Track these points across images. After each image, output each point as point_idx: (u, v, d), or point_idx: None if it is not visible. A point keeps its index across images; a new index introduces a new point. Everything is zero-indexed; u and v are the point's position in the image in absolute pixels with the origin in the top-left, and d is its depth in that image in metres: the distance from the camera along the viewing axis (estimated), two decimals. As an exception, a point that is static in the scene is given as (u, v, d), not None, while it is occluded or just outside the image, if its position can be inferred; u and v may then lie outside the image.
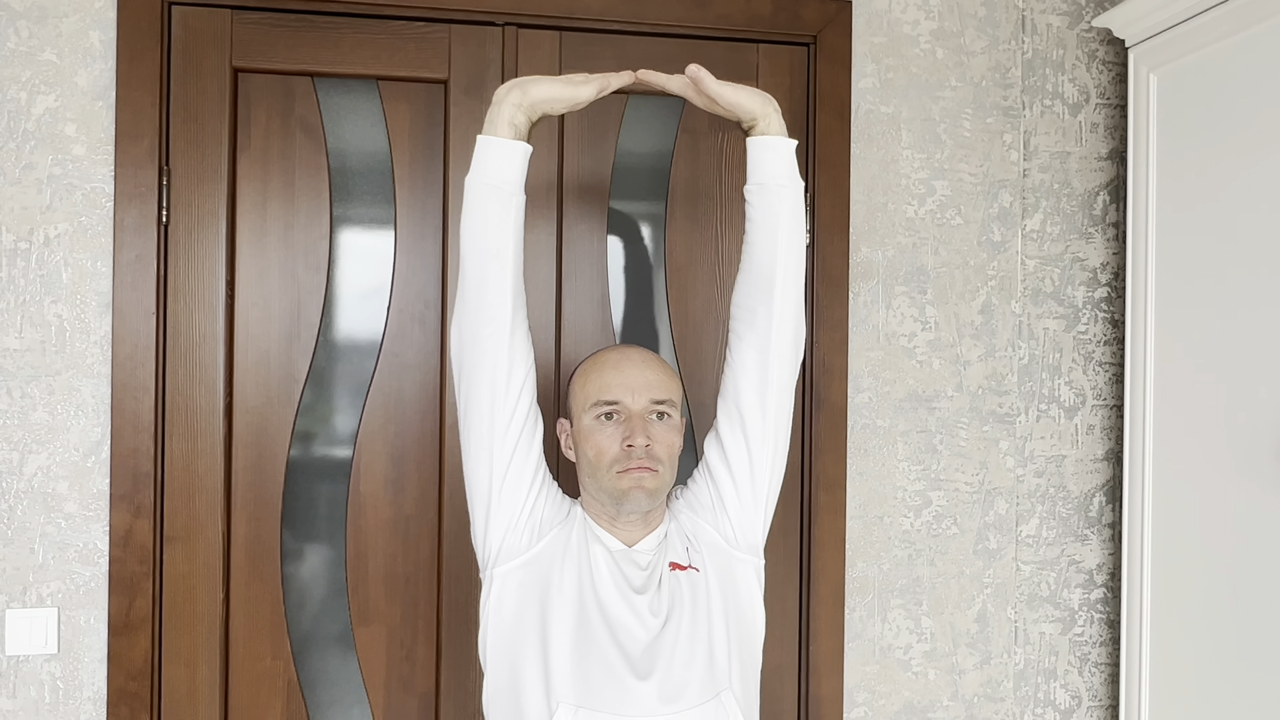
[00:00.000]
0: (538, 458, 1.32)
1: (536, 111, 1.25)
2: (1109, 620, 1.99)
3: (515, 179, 1.23)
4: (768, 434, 1.34)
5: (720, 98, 1.31)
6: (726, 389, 1.36)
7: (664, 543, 1.36)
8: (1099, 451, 1.99)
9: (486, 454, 1.28)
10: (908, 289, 1.91)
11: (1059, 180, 1.97)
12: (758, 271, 1.32)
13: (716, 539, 1.37)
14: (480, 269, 1.23)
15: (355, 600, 1.75)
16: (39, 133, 1.63)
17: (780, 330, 1.32)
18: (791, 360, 1.35)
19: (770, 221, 1.31)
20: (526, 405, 1.29)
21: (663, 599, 1.31)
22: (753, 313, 1.33)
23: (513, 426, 1.27)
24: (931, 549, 1.92)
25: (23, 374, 1.63)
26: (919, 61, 1.91)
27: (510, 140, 1.23)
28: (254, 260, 1.72)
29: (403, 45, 1.74)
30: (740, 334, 1.35)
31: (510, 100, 1.23)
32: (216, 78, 1.69)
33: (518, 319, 1.26)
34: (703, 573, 1.34)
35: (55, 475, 1.64)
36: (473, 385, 1.27)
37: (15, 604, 1.63)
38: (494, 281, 1.23)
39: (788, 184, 1.31)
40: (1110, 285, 1.99)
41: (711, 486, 1.38)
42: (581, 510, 1.38)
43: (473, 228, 1.23)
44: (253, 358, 1.72)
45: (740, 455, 1.35)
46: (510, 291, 1.24)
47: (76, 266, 1.65)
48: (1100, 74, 1.98)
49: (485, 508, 1.30)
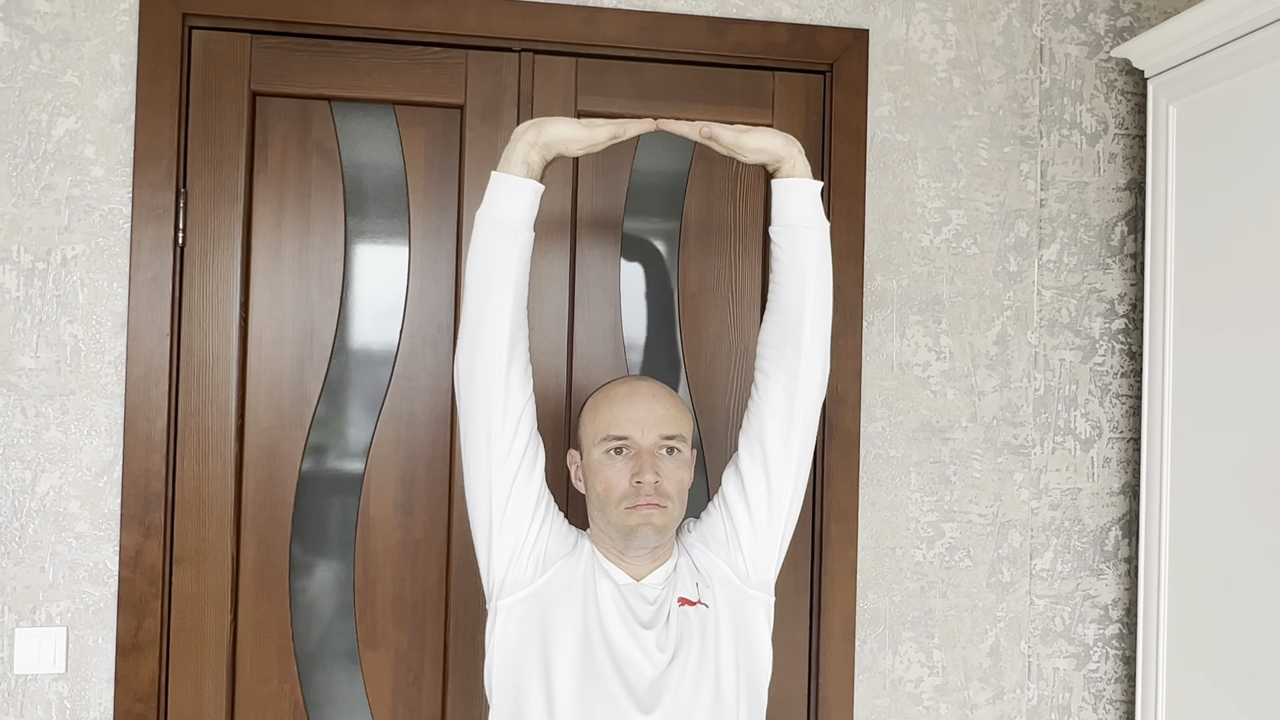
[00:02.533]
0: (539, 489, 1.31)
1: (551, 151, 1.25)
2: (1124, 656, 1.96)
3: (524, 216, 1.24)
4: (789, 472, 1.34)
5: (741, 146, 1.30)
6: (750, 424, 1.36)
7: (672, 576, 1.35)
8: (1115, 485, 1.96)
9: (485, 485, 1.28)
10: (922, 318, 1.89)
11: (1076, 210, 1.95)
12: (786, 312, 1.32)
13: (729, 574, 1.36)
14: (481, 301, 1.24)
15: (363, 624, 1.75)
16: (59, 154, 1.65)
17: (809, 371, 1.32)
18: (818, 399, 1.34)
19: (798, 263, 1.31)
20: (525, 437, 1.28)
21: (670, 634, 1.30)
22: (780, 352, 1.32)
23: (510, 458, 1.27)
24: (944, 581, 1.90)
25: (37, 393, 1.64)
26: (936, 90, 1.90)
27: (522, 178, 1.23)
28: (268, 282, 1.73)
29: (419, 70, 1.75)
30: (768, 372, 1.34)
31: (526, 139, 1.23)
32: (235, 101, 1.70)
33: (515, 352, 1.26)
34: (713, 609, 1.33)
35: (67, 495, 1.65)
36: (471, 416, 1.27)
37: (25, 623, 1.63)
38: (493, 315, 1.24)
39: (814, 225, 1.31)
40: (1128, 317, 1.97)
41: (727, 521, 1.37)
42: (590, 542, 1.37)
43: (478, 261, 1.24)
44: (265, 379, 1.73)
45: (760, 491, 1.35)
46: (508, 326, 1.24)
47: (93, 287, 1.66)
48: (1119, 104, 1.97)
49: (487, 539, 1.30)
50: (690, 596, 1.32)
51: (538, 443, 1.31)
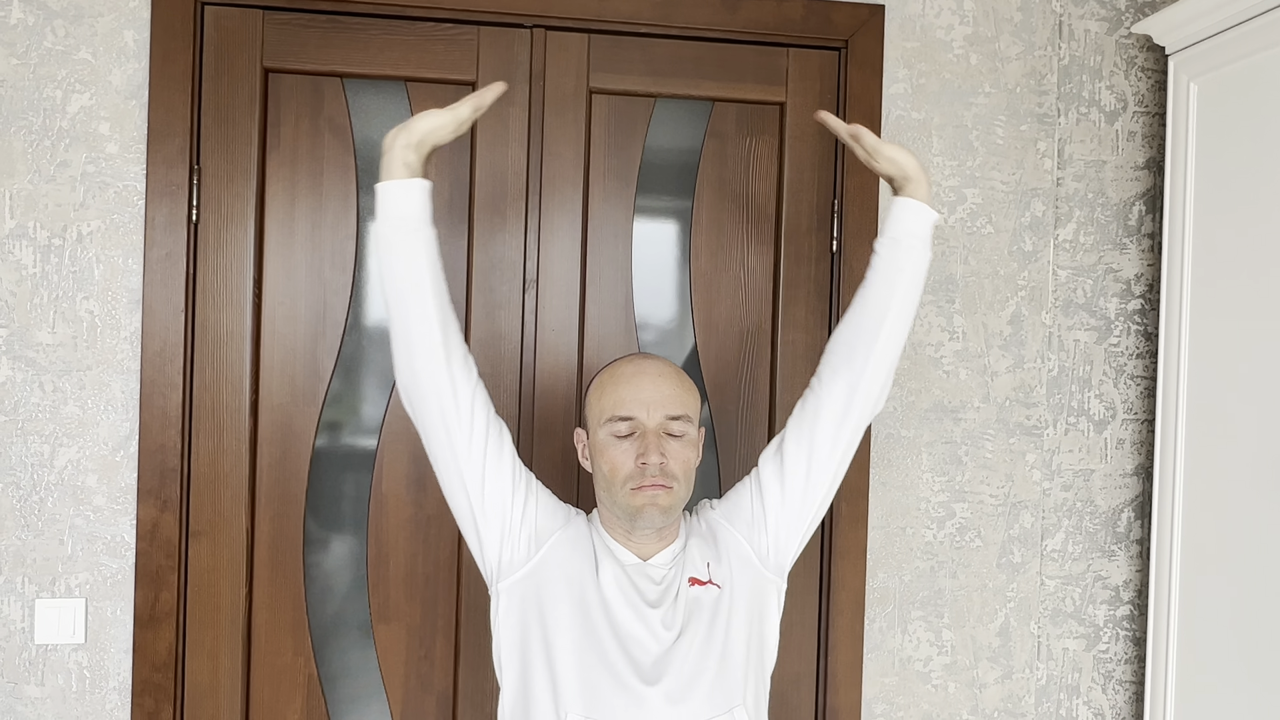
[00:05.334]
0: (511, 468, 1.31)
1: (425, 146, 1.26)
2: (1135, 638, 1.96)
3: (419, 214, 1.25)
4: (830, 467, 1.37)
5: (879, 151, 1.37)
6: (805, 413, 1.37)
7: (681, 555, 1.36)
8: (1128, 466, 1.95)
9: (458, 479, 1.29)
10: (935, 298, 1.88)
11: (1094, 189, 1.93)
12: (867, 314, 1.35)
13: (749, 553, 1.37)
14: (403, 305, 1.25)
15: (375, 598, 1.77)
16: (73, 131, 1.66)
17: (873, 376, 1.35)
18: (874, 409, 1.38)
19: (892, 275, 1.35)
20: (483, 421, 1.29)
21: (678, 613, 1.31)
22: (851, 350, 1.35)
23: (474, 445, 1.28)
24: (954, 561, 1.90)
25: (55, 368, 1.66)
26: (952, 67, 1.88)
27: (407, 179, 1.25)
28: (281, 259, 1.74)
29: (431, 47, 1.74)
30: (835, 367, 1.37)
31: (399, 143, 1.25)
32: (247, 78, 1.70)
33: (451, 344, 1.27)
34: (726, 588, 1.33)
35: (85, 468, 1.67)
36: (425, 417, 1.28)
37: (45, 594, 1.66)
38: (417, 314, 1.25)
39: (919, 247, 1.36)
40: (1144, 297, 1.95)
41: (758, 500, 1.38)
42: (597, 520, 1.38)
43: (390, 268, 1.25)
44: (279, 356, 1.74)
45: (798, 479, 1.36)
46: (436, 320, 1.25)
47: (108, 263, 1.67)
48: (1139, 81, 1.94)
49: (475, 530, 1.31)
50: (700, 576, 1.33)
51: (499, 425, 1.32)
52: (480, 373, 1.74)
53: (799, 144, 1.84)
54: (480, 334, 1.76)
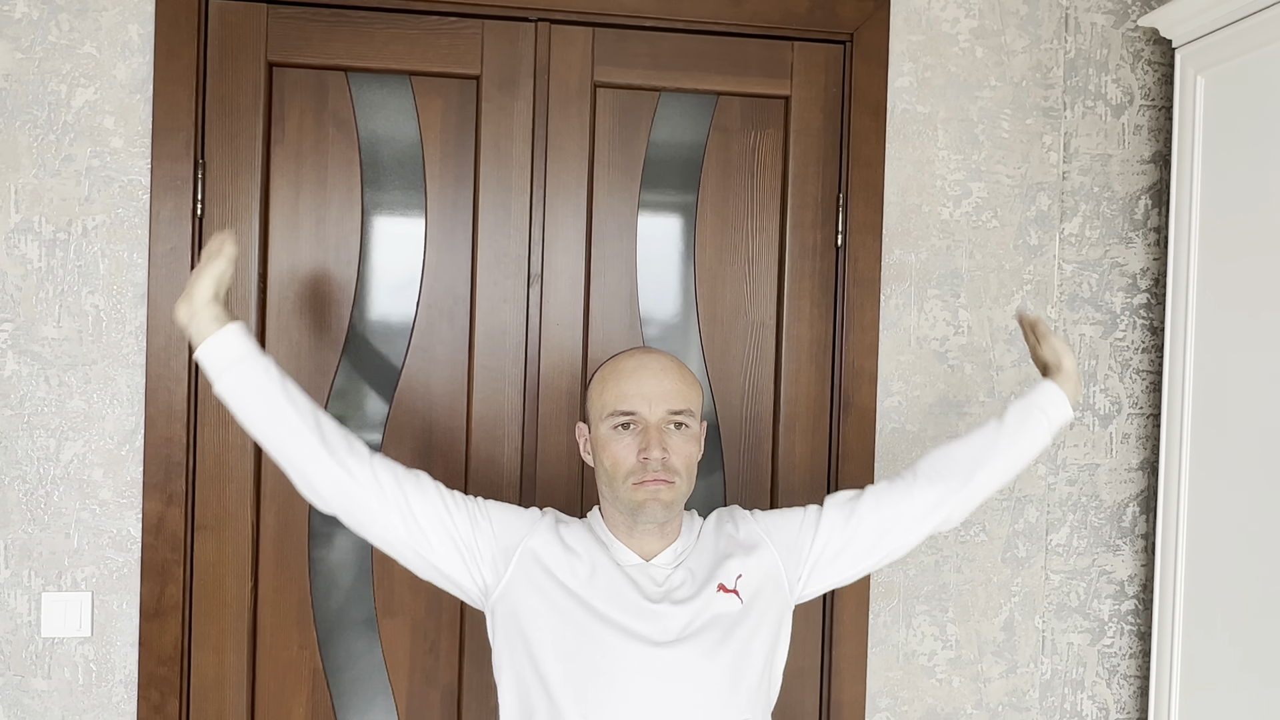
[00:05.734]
0: (442, 504, 1.31)
1: (220, 295, 1.30)
2: (1139, 632, 1.96)
3: (246, 351, 1.27)
4: (890, 551, 1.43)
5: (1047, 338, 1.51)
6: (895, 493, 1.43)
7: (689, 552, 1.36)
8: (1134, 461, 1.95)
9: (402, 545, 1.31)
10: (941, 292, 1.88)
11: (1099, 183, 1.92)
12: (968, 454, 1.44)
13: (781, 577, 1.37)
14: (274, 437, 1.27)
15: (380, 592, 1.77)
16: (78, 125, 1.66)
17: (960, 504, 1.44)
18: (949, 526, 1.46)
19: (1008, 433, 1.44)
20: (392, 486, 1.29)
21: (682, 614, 1.29)
22: (955, 470, 1.43)
23: (397, 510, 1.29)
24: (959, 555, 1.90)
25: (60, 362, 1.66)
26: (958, 60, 1.88)
27: (221, 330, 1.27)
28: (286, 253, 1.74)
29: (435, 41, 1.74)
30: (937, 474, 1.44)
31: (197, 309, 1.27)
32: (252, 72, 1.70)
33: (330, 440, 1.27)
34: (752, 607, 1.33)
35: (90, 462, 1.67)
36: (348, 515, 1.30)
37: (51, 587, 1.67)
38: (288, 435, 1.26)
39: (1044, 431, 1.45)
40: (1150, 291, 1.95)
41: (809, 533, 1.40)
42: (598, 517, 1.39)
43: (247, 412, 1.27)
44: (284, 351, 1.74)
45: (861, 542, 1.41)
46: (305, 429, 1.26)
47: (113, 257, 1.67)
48: (1145, 75, 1.93)
49: (441, 575, 1.33)
50: (728, 584, 1.32)
51: (412, 476, 1.32)
52: (484, 365, 1.75)
53: (804, 138, 1.83)
54: (484, 328, 1.76)
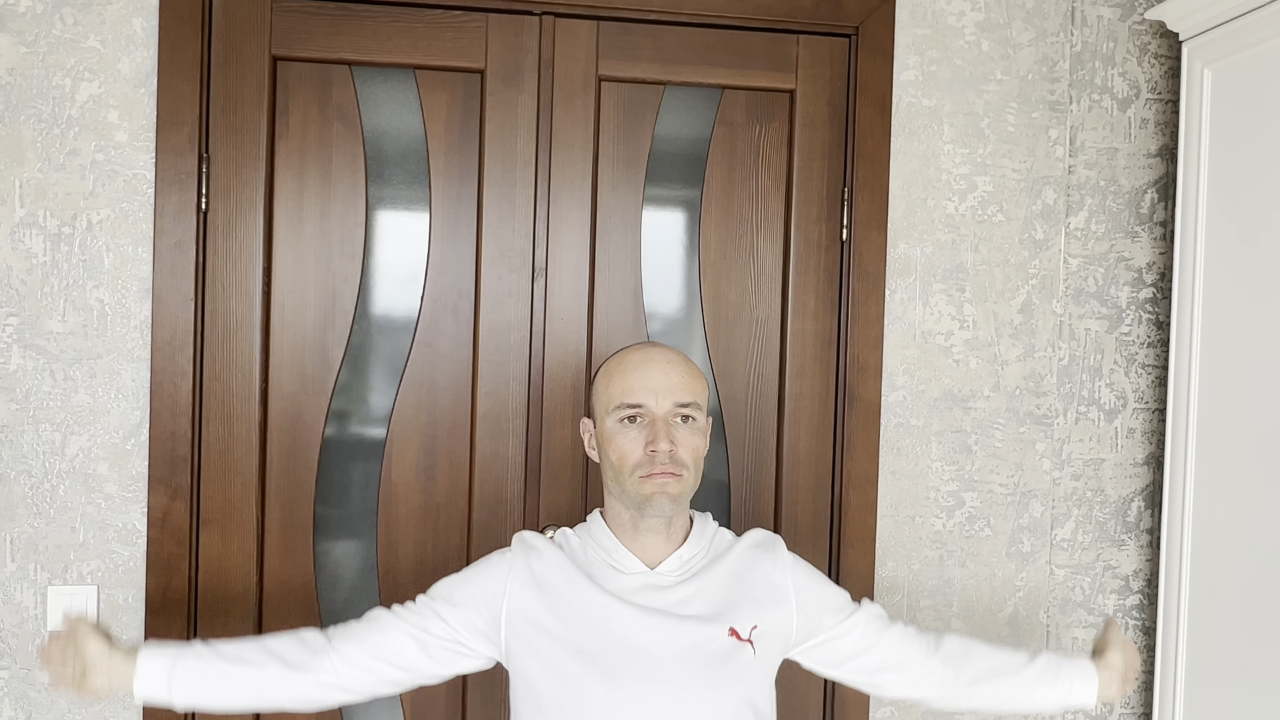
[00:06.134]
0: (409, 632, 1.32)
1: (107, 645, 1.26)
2: (1144, 627, 1.96)
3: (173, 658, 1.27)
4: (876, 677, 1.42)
5: (1112, 634, 1.50)
6: (916, 649, 1.41)
7: (700, 562, 1.35)
8: (1139, 455, 1.94)
9: (429, 678, 1.34)
10: (946, 286, 1.87)
11: (1105, 177, 1.92)
12: (989, 666, 1.42)
13: (790, 636, 1.37)
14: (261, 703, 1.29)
15: (385, 586, 1.77)
16: (83, 119, 1.66)
17: (936, 689, 1.41)
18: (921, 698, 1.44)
19: (1027, 679, 1.42)
20: (370, 659, 1.30)
21: (685, 634, 1.29)
22: (957, 667, 1.41)
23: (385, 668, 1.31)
24: (963, 550, 1.89)
25: (65, 357, 1.66)
26: (963, 54, 1.87)
27: (138, 664, 1.25)
28: (290, 247, 1.74)
29: (440, 34, 1.74)
30: (947, 658, 1.42)
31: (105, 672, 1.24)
32: (256, 66, 1.70)
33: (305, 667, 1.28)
34: (763, 655, 1.33)
35: (96, 456, 1.67)
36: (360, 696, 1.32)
37: (57, 581, 1.67)
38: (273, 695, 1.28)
39: (1058, 699, 1.43)
40: (1156, 286, 1.94)
41: (839, 622, 1.39)
42: (599, 522, 1.37)
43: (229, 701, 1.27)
44: (288, 345, 1.74)
45: (869, 660, 1.41)
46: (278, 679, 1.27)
47: (118, 252, 1.67)
48: (1152, 68, 1.92)
49: (468, 669, 1.35)
50: (743, 633, 1.31)
51: (377, 638, 1.31)
52: (489, 360, 1.75)
53: (809, 131, 1.83)
54: (489, 323, 1.76)
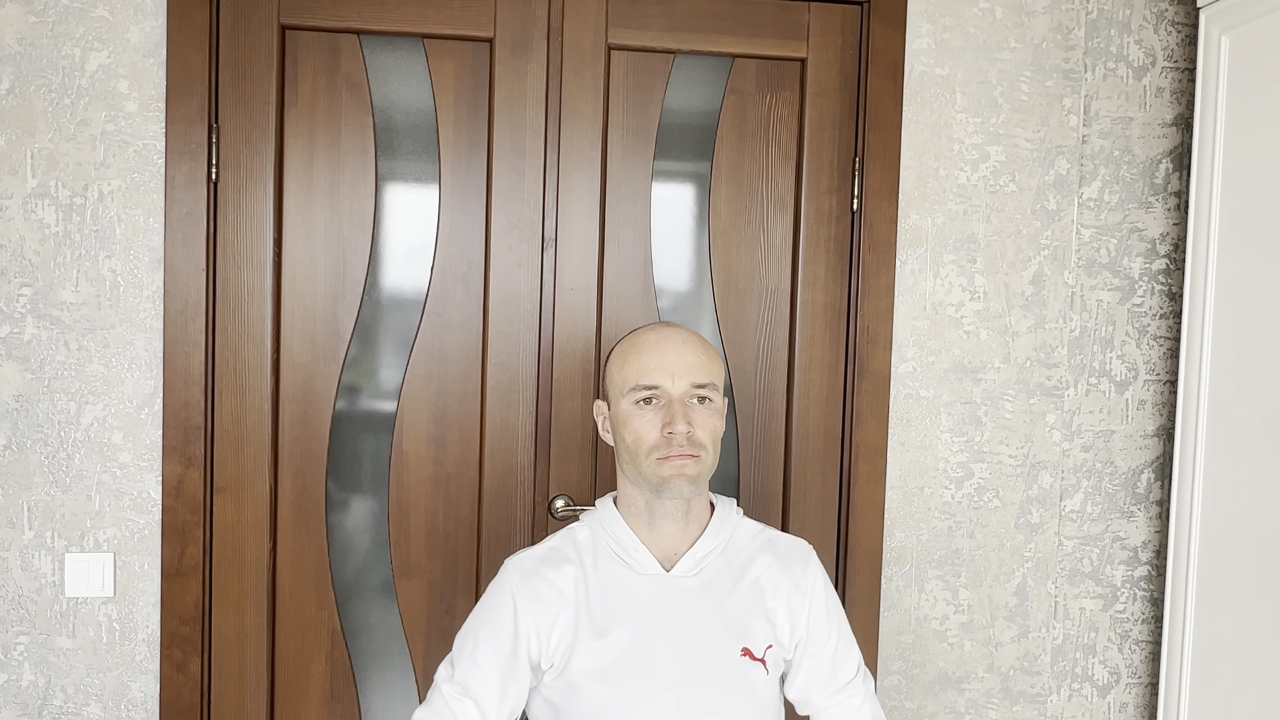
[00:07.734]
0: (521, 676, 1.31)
1: None
2: (1152, 598, 1.96)
3: None
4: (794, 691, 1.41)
5: None
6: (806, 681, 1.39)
7: (717, 557, 1.34)
8: (1149, 427, 1.94)
9: None
10: (957, 257, 1.86)
11: (1120, 147, 1.90)
12: None
13: (786, 642, 1.37)
14: None
15: (397, 554, 1.79)
16: (92, 89, 1.66)
17: None
18: None
19: None
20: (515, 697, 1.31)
21: (705, 628, 1.29)
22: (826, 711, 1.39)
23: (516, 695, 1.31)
24: (972, 521, 1.90)
25: (79, 327, 1.68)
26: (976, 21, 1.85)
27: None
28: (300, 218, 1.74)
29: (449, 3, 1.73)
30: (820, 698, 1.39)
31: None
32: (265, 35, 1.69)
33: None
34: (775, 673, 1.34)
35: (110, 426, 1.69)
36: None
37: (74, 548, 1.69)
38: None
39: None
40: (1169, 257, 1.93)
41: (803, 644, 1.38)
42: (612, 511, 1.34)
43: None
44: (299, 315, 1.75)
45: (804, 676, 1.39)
46: None
47: (129, 222, 1.68)
48: (1168, 35, 1.90)
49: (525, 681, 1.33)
50: (756, 652, 1.31)
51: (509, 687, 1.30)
52: (499, 330, 1.75)
53: (820, 101, 1.81)
54: (498, 294, 1.76)
